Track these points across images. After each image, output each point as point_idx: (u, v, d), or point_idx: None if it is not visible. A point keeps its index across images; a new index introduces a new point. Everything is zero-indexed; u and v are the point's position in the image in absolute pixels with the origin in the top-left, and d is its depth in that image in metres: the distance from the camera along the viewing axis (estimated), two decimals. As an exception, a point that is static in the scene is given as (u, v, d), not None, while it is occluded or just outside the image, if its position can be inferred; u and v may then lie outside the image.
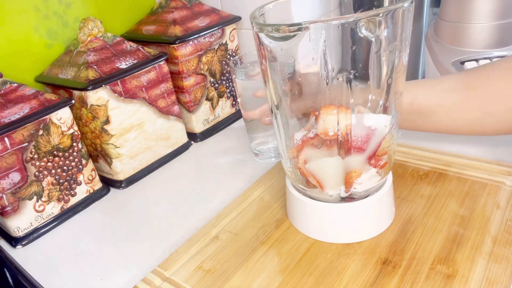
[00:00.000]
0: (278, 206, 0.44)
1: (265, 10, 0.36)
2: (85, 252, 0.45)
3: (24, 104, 0.46)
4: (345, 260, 0.36)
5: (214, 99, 0.65)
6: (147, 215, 0.49)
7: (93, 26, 0.53)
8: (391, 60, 0.32)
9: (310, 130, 0.36)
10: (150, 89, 0.55)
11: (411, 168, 0.46)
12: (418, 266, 0.34)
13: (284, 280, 0.35)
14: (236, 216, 0.44)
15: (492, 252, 0.34)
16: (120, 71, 0.51)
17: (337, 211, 0.37)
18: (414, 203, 0.41)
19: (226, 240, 0.40)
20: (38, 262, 0.44)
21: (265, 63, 0.34)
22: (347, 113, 0.33)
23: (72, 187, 0.51)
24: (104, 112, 0.51)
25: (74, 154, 0.50)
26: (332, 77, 0.31)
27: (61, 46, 0.58)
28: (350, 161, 0.35)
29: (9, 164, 0.44)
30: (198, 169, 0.57)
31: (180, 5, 0.62)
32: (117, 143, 0.53)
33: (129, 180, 0.56)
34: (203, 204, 0.49)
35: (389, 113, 0.35)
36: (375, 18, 0.29)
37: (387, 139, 0.35)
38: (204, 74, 0.62)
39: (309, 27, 0.29)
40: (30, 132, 0.46)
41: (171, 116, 0.59)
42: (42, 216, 0.49)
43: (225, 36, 0.64)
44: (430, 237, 0.37)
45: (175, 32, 0.58)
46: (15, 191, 0.46)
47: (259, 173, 0.52)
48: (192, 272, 0.37)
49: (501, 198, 0.40)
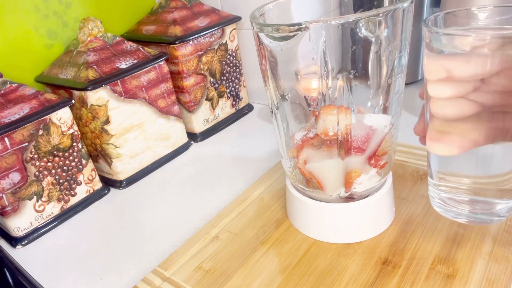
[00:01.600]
0: (278, 206, 0.44)
1: (265, 10, 0.36)
2: (85, 252, 0.45)
3: (24, 104, 0.46)
4: (345, 260, 0.36)
5: (214, 99, 0.65)
6: (147, 215, 0.49)
7: (93, 26, 0.53)
8: (391, 60, 0.32)
9: (310, 130, 0.36)
10: (150, 89, 0.56)
11: (411, 168, 0.46)
12: (418, 266, 0.34)
13: (284, 280, 0.35)
14: (236, 216, 0.44)
15: (492, 252, 0.34)
16: (120, 71, 0.51)
17: (337, 211, 0.37)
18: (414, 203, 0.41)
19: (226, 240, 0.40)
20: (38, 262, 0.44)
21: (265, 63, 0.34)
22: (347, 113, 0.33)
23: (72, 187, 0.51)
24: (104, 112, 0.51)
25: (74, 154, 0.50)
26: (332, 77, 0.31)
27: (61, 46, 0.58)
28: (350, 161, 0.35)
29: (9, 164, 0.44)
30: (198, 169, 0.57)
31: (180, 5, 0.62)
32: (117, 143, 0.53)
33: (129, 180, 0.56)
34: (203, 204, 0.49)
35: (389, 113, 0.35)
36: (375, 18, 0.29)
37: (387, 139, 0.35)
38: (204, 74, 0.62)
39: (309, 27, 0.29)
40: (30, 132, 0.46)
41: (171, 116, 0.59)
42: (42, 216, 0.49)
43: (225, 36, 0.64)
44: (430, 237, 0.37)
45: (175, 32, 0.58)
46: (15, 191, 0.46)
47: (259, 173, 0.52)
48: (192, 272, 0.37)
49: None
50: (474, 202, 0.31)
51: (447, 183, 0.31)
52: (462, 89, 0.26)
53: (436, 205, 0.33)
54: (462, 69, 0.25)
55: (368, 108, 0.35)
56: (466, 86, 0.26)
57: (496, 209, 0.30)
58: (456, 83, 0.26)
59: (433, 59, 0.26)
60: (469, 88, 0.26)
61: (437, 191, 0.33)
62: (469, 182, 0.30)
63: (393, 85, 0.34)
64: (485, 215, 0.31)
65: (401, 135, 0.39)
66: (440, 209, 0.33)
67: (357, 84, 0.32)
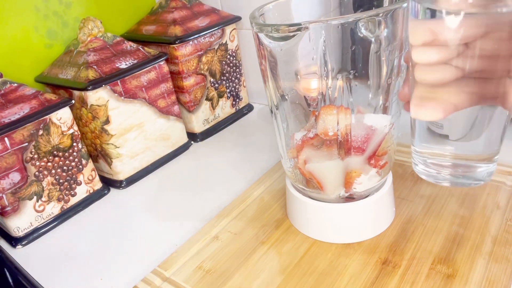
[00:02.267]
0: (278, 206, 0.44)
1: (265, 10, 0.36)
2: (85, 252, 0.45)
3: (24, 104, 0.46)
4: (345, 260, 0.36)
5: (214, 99, 0.65)
6: (147, 215, 0.49)
7: (93, 26, 0.53)
8: (391, 60, 0.32)
9: (310, 130, 0.36)
10: (150, 89, 0.56)
11: (411, 168, 0.46)
12: (418, 266, 0.34)
13: (284, 280, 0.35)
14: (236, 216, 0.44)
15: (492, 252, 0.34)
16: (120, 71, 0.51)
17: (337, 211, 0.37)
18: (414, 203, 0.41)
19: (226, 240, 0.40)
20: (38, 262, 0.44)
21: (265, 63, 0.34)
22: (347, 113, 0.33)
23: (72, 187, 0.51)
24: (104, 112, 0.51)
25: (74, 154, 0.50)
26: (332, 77, 0.31)
27: (61, 46, 0.58)
28: (350, 161, 0.35)
29: (9, 164, 0.44)
30: (198, 169, 0.57)
31: (180, 5, 0.62)
32: (117, 143, 0.53)
33: (129, 180, 0.56)
34: (203, 204, 0.49)
35: (389, 113, 0.35)
36: (375, 18, 0.29)
37: (387, 139, 0.35)
38: (204, 74, 0.62)
39: (308, 27, 0.29)
40: (30, 132, 0.46)
41: (171, 116, 0.59)
42: (42, 216, 0.49)
43: (225, 36, 0.64)
44: (430, 237, 0.37)
45: (175, 32, 0.58)
46: (15, 191, 0.46)
47: (259, 173, 0.52)
48: (192, 272, 0.37)
49: (501, 198, 0.40)
50: (456, 166, 0.32)
51: (430, 150, 0.33)
52: (447, 53, 0.26)
53: (419, 171, 0.34)
54: (448, 31, 0.25)
55: (368, 108, 0.35)
56: (451, 51, 0.26)
57: (476, 172, 0.32)
58: (441, 47, 0.26)
59: (419, 23, 0.27)
60: (453, 52, 0.26)
61: (420, 157, 0.34)
62: (451, 148, 0.31)
63: (393, 85, 0.34)
64: (466, 178, 0.32)
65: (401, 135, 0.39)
66: (423, 175, 0.34)
67: (357, 84, 0.32)
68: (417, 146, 0.34)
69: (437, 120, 0.28)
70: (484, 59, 0.26)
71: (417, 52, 0.27)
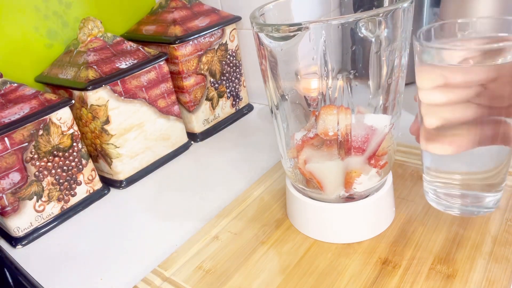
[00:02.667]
0: (278, 206, 0.44)
1: (265, 10, 0.36)
2: (85, 252, 0.45)
3: (24, 104, 0.46)
4: (345, 260, 0.36)
5: (214, 99, 0.65)
6: (147, 215, 0.49)
7: (93, 26, 0.53)
8: (391, 60, 0.32)
9: (310, 130, 0.36)
10: (150, 89, 0.56)
11: (411, 168, 0.46)
12: (418, 266, 0.34)
13: (284, 280, 0.35)
14: (236, 216, 0.44)
15: (492, 252, 0.34)
16: (120, 71, 0.51)
17: (337, 211, 0.37)
18: (414, 203, 0.41)
19: (226, 240, 0.40)
20: (38, 262, 0.44)
21: (265, 63, 0.34)
22: (347, 113, 0.33)
23: (72, 187, 0.51)
24: (104, 112, 0.51)
25: (74, 154, 0.50)
26: (332, 77, 0.31)
27: (61, 46, 0.58)
28: (350, 161, 0.35)
29: (9, 164, 0.44)
30: (198, 169, 0.57)
31: (180, 5, 0.62)
32: (117, 143, 0.53)
33: (129, 180, 0.56)
34: (203, 204, 0.49)
35: (389, 113, 0.35)
36: (375, 18, 0.29)
37: (387, 139, 0.35)
38: (204, 74, 0.62)
39: (309, 27, 0.29)
40: (30, 132, 0.46)
41: (171, 116, 0.59)
42: (42, 216, 0.49)
43: (225, 36, 0.64)
44: (430, 237, 0.37)
45: (175, 32, 0.58)
46: (15, 191, 0.46)
47: (259, 173, 0.52)
48: (192, 272, 0.37)
49: (501, 198, 0.40)
50: (465, 196, 0.33)
51: (440, 179, 0.34)
52: (454, 96, 0.28)
53: (430, 199, 0.36)
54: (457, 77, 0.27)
55: (368, 108, 0.35)
56: (458, 93, 0.28)
57: (485, 202, 0.33)
58: (449, 90, 0.28)
59: (430, 68, 0.28)
60: (460, 95, 0.28)
61: (431, 187, 0.35)
62: (460, 178, 0.33)
63: (393, 85, 0.34)
64: (475, 207, 0.34)
65: (401, 135, 0.39)
66: (434, 203, 0.36)
67: (357, 84, 0.32)
68: (427, 176, 0.35)
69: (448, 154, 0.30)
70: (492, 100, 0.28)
71: (426, 95, 0.29)
